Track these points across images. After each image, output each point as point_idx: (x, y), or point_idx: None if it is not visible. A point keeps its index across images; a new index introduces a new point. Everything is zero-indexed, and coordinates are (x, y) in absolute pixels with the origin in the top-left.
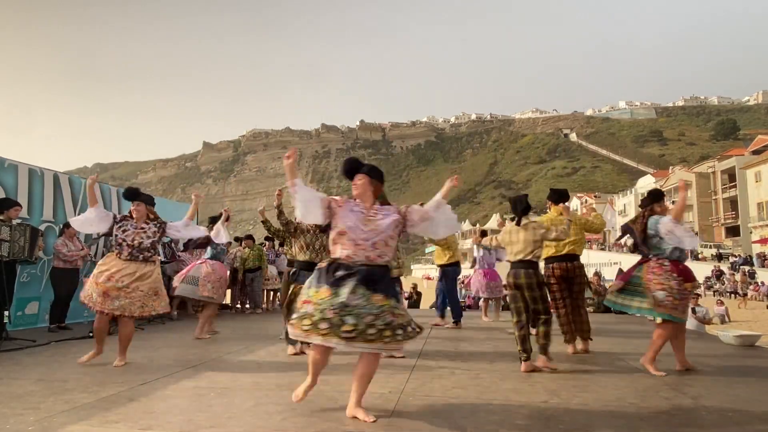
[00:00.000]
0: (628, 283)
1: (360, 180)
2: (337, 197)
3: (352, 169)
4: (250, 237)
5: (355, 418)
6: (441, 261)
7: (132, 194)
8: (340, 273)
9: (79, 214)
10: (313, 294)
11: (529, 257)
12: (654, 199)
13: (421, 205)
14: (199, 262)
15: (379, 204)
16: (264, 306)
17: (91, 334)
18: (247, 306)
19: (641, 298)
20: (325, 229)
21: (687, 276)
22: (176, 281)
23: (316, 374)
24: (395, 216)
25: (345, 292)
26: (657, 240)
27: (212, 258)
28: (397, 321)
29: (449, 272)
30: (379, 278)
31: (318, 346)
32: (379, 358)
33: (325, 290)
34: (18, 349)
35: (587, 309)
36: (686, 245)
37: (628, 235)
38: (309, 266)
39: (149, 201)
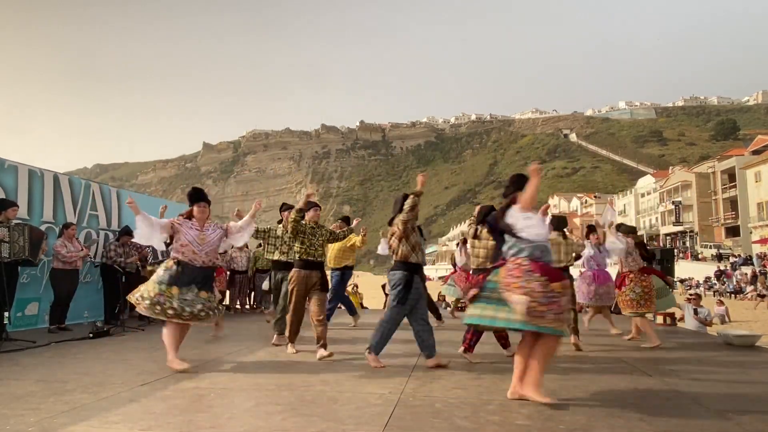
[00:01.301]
0: (483, 289)
1: (203, 206)
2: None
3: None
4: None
5: None
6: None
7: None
8: (185, 277)
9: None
10: (165, 289)
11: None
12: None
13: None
14: None
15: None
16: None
17: (91, 335)
18: (251, 306)
19: (507, 307)
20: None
21: (552, 276)
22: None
23: (176, 346)
24: (220, 231)
25: (185, 291)
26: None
27: None
28: (210, 306)
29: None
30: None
31: (171, 324)
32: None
33: (175, 289)
34: (18, 350)
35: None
36: (541, 239)
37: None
38: (419, 269)
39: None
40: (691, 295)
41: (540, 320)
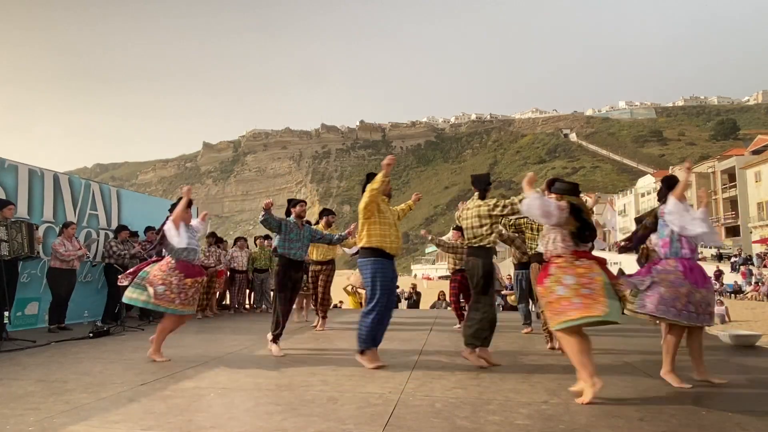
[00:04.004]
0: (137, 276)
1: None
2: None
3: None
4: (242, 238)
5: None
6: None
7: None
8: None
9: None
10: None
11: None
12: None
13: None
14: None
15: None
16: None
17: (91, 335)
18: (250, 305)
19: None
20: None
21: (188, 272)
22: None
23: None
24: None
25: None
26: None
27: None
28: None
29: None
30: None
31: None
32: None
33: None
34: (18, 350)
35: None
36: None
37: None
38: None
39: None
40: None
41: (170, 304)
